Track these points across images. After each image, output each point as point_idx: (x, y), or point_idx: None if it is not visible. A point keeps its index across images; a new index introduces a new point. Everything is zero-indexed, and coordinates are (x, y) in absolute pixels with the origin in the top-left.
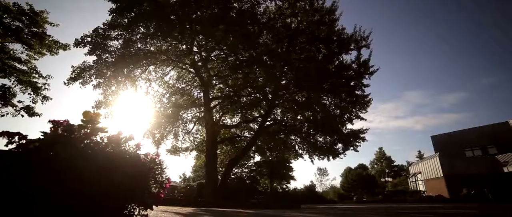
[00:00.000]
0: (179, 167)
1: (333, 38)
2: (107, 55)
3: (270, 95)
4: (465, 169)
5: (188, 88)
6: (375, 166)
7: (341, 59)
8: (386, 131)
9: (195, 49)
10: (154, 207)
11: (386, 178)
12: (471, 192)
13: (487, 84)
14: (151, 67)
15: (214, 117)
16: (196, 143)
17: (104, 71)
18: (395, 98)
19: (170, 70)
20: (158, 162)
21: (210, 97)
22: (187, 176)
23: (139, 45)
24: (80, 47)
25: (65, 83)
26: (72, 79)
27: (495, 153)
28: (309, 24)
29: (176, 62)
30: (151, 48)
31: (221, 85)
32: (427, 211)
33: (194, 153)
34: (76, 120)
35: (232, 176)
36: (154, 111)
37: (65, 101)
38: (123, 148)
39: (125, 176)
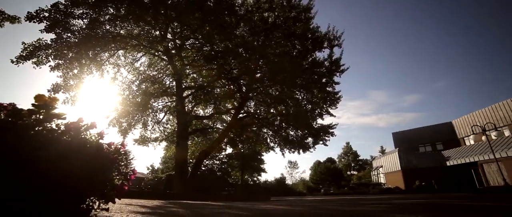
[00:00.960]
0: (147, 158)
1: (308, 35)
2: (69, 34)
3: (244, 88)
4: (418, 163)
5: (160, 76)
6: (342, 160)
7: (315, 56)
8: (353, 127)
9: (169, 36)
10: (116, 200)
11: (352, 171)
12: (422, 184)
13: (437, 88)
14: (120, 52)
15: (186, 107)
16: (166, 133)
17: (65, 52)
18: (362, 96)
19: (141, 56)
20: (123, 152)
21: (183, 86)
22: (156, 168)
23: (107, 27)
24: (34, 22)
25: (12, 62)
26: (22, 58)
27: (441, 149)
28: (286, 20)
29: (148, 48)
30: (121, 32)
31: (194, 75)
32: (383, 202)
33: (164, 143)
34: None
35: (203, 168)
36: (122, 99)
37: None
38: (83, 136)
39: (84, 167)
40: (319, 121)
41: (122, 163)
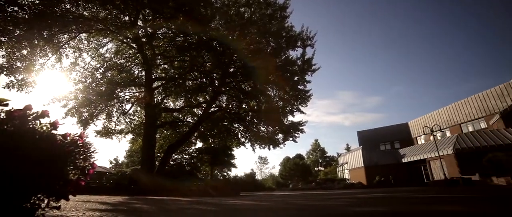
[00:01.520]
0: (110, 151)
1: (282, 33)
2: (16, 8)
3: (216, 82)
4: (378, 160)
5: (127, 64)
6: (311, 156)
7: (288, 54)
8: (322, 125)
9: (139, 23)
10: (72, 197)
11: (319, 167)
12: (381, 179)
13: (397, 91)
14: (83, 35)
15: (155, 99)
16: (132, 125)
17: (10, 28)
18: (330, 96)
19: (107, 42)
20: (81, 144)
21: (153, 77)
22: (120, 161)
23: (68, 6)
24: None
25: None
26: None
27: (398, 147)
28: (262, 17)
29: (116, 34)
30: (85, 13)
31: (166, 66)
32: (347, 196)
33: (129, 136)
34: None
35: (171, 162)
36: (84, 86)
37: None
38: (31, 126)
39: (30, 160)
40: (290, 118)
41: (81, 156)
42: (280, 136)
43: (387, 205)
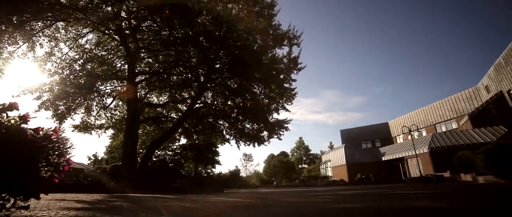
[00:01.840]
0: (89, 147)
1: (270, 31)
2: None
3: (202, 77)
4: (360, 158)
5: (109, 57)
6: (295, 153)
7: (274, 52)
8: (306, 123)
9: (123, 14)
10: (44, 195)
11: (303, 165)
12: (362, 177)
13: (379, 92)
14: (60, 24)
15: (138, 94)
16: (114, 120)
17: None
18: (315, 94)
19: (87, 33)
20: (55, 139)
21: (136, 71)
22: (100, 158)
23: None
24: None
25: None
26: None
27: (379, 146)
28: (249, 14)
29: (97, 24)
30: (62, 0)
31: (150, 60)
32: (330, 193)
33: (110, 131)
34: None
35: (154, 159)
36: (60, 78)
37: None
38: None
39: None
40: (275, 115)
41: (56, 152)
42: (265, 133)
43: (372, 201)
